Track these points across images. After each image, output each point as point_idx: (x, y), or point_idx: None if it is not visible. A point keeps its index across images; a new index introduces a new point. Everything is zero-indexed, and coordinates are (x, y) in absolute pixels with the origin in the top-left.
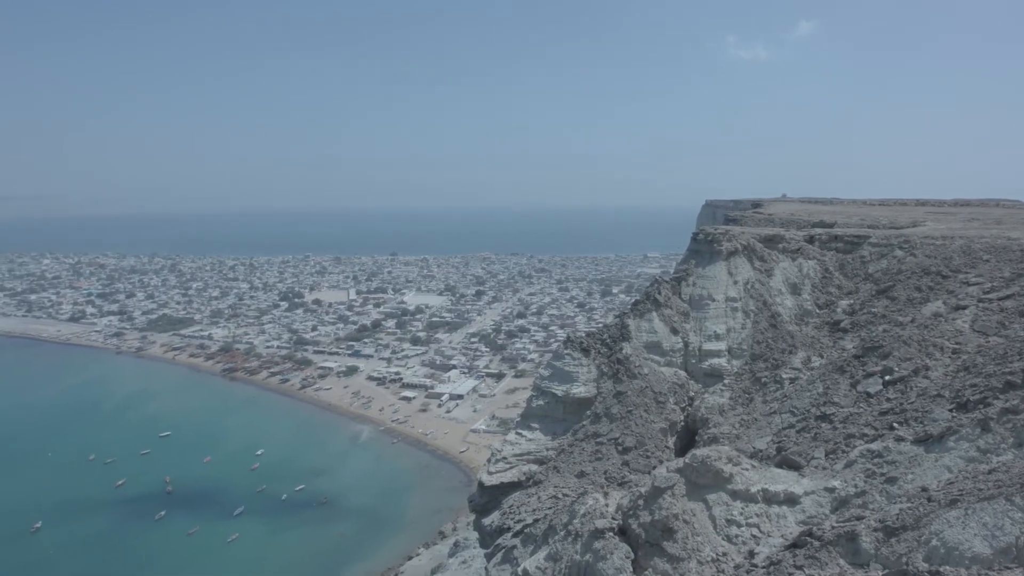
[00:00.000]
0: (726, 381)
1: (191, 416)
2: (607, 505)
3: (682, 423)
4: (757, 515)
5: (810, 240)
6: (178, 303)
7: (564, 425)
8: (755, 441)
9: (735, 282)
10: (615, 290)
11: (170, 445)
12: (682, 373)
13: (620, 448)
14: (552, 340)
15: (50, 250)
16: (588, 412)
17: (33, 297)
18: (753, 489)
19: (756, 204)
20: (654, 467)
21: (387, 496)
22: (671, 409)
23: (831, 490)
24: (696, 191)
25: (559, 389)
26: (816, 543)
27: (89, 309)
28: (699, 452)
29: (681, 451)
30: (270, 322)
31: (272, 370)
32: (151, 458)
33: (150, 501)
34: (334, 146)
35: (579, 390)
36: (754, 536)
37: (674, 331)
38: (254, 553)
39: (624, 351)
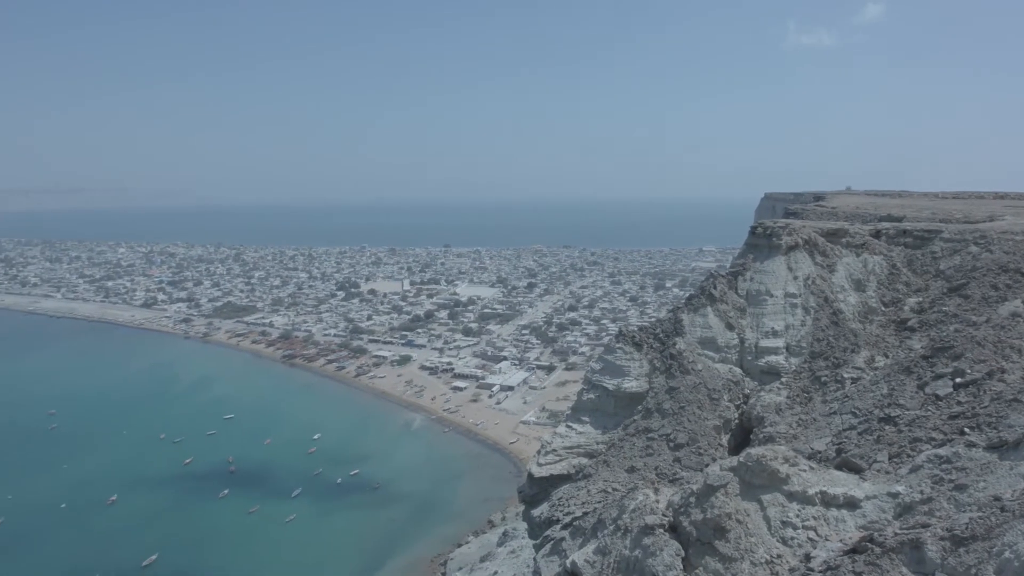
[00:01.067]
0: (783, 379)
1: (253, 400)
2: (657, 501)
3: (736, 421)
4: (814, 518)
5: (876, 235)
6: (241, 291)
7: (615, 419)
8: (813, 442)
9: (795, 277)
10: (669, 284)
11: (233, 427)
12: (737, 370)
13: (672, 444)
14: (603, 334)
15: (125, 239)
16: (639, 407)
17: (110, 284)
18: (811, 491)
19: (818, 197)
20: (707, 465)
21: (438, 484)
22: (725, 406)
23: (895, 495)
24: (754, 183)
25: (610, 383)
26: (877, 549)
27: (160, 296)
28: (754, 451)
29: (735, 449)
30: (327, 311)
31: (329, 357)
32: (216, 439)
33: (215, 479)
34: (387, 141)
35: (630, 385)
36: (811, 539)
37: (729, 327)
38: (310, 534)
39: (677, 346)
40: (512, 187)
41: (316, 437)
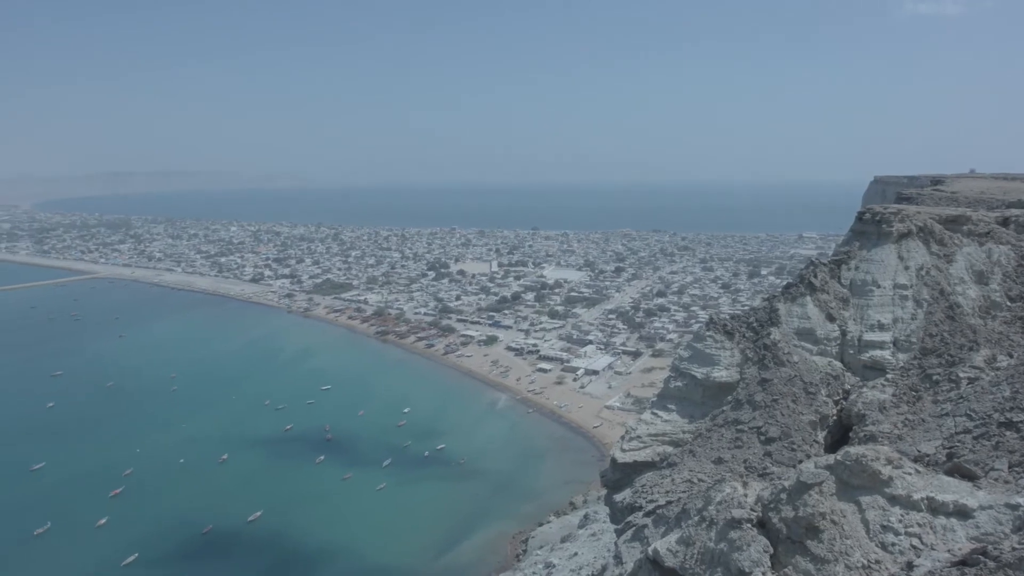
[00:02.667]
0: (889, 376)
1: (348, 373)
2: (745, 495)
3: (834, 417)
4: (919, 524)
5: (1004, 222)
6: (339, 269)
7: (702, 409)
8: (921, 444)
9: (906, 267)
10: (764, 271)
11: (330, 397)
12: (837, 364)
13: (763, 438)
14: (693, 321)
15: (236, 219)
16: (729, 398)
17: (223, 260)
18: (916, 496)
19: (936, 181)
20: (800, 461)
21: (520, 463)
22: (823, 401)
23: (1014, 507)
24: (862, 165)
25: (699, 372)
26: (991, 563)
27: (267, 272)
28: (854, 450)
29: (832, 447)
30: (418, 290)
31: (419, 335)
32: (314, 408)
33: (312, 446)
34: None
35: (720, 374)
36: (914, 547)
37: (830, 318)
38: (398, 503)
39: (772, 336)
40: (600, 169)
41: (405, 411)
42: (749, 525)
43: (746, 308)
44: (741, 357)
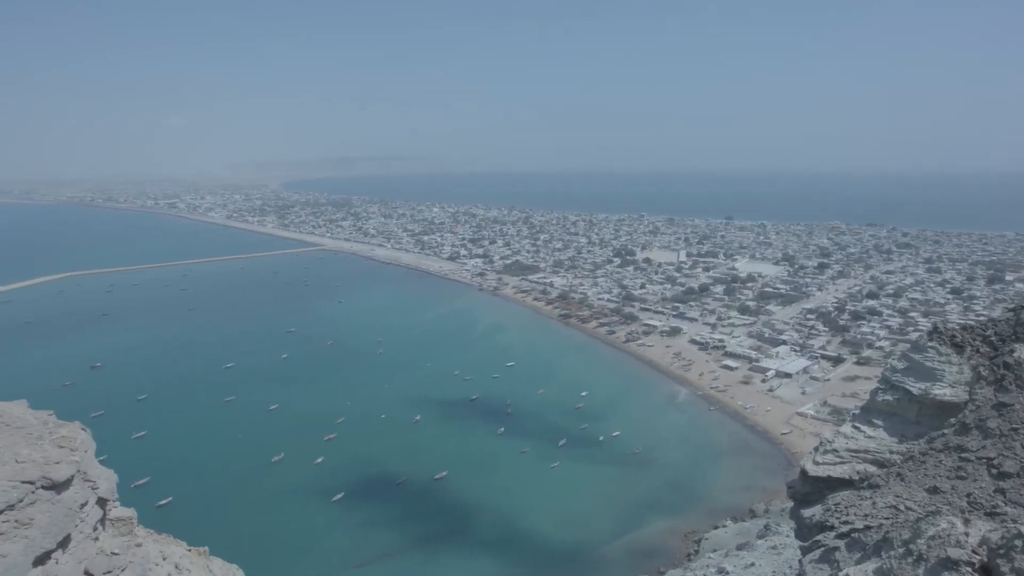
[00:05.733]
0: None
1: (531, 352)
2: (967, 534)
3: None
4: None
5: None
6: (528, 251)
7: (916, 429)
8: None
9: None
10: (1009, 277)
11: (513, 374)
12: None
13: (995, 471)
14: (910, 328)
15: (438, 201)
16: (953, 420)
17: (425, 238)
18: None
19: None
20: None
21: (698, 461)
22: None
23: None
24: None
25: (915, 386)
26: None
27: (462, 251)
28: None
29: None
30: (603, 276)
31: (601, 321)
32: (498, 382)
33: (494, 417)
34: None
35: (943, 392)
36: None
37: None
38: (571, 484)
39: (1016, 354)
40: (804, 155)
41: (583, 394)
42: (969, 570)
43: (982, 319)
44: (972, 375)
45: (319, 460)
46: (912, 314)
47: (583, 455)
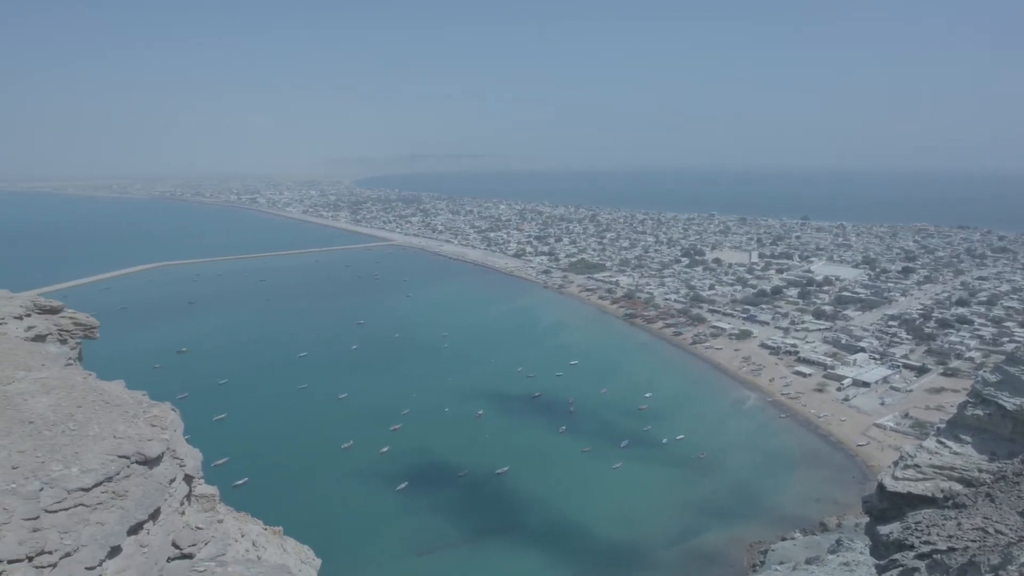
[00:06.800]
0: None
1: (595, 350)
2: None
3: None
4: None
5: None
6: (594, 250)
7: (1010, 447)
8: None
9: None
10: None
11: (577, 372)
12: None
13: None
14: (1005, 339)
15: (504, 198)
16: None
17: (492, 235)
18: None
19: None
20: None
21: (766, 469)
22: None
23: None
24: None
25: (1010, 402)
26: None
27: (528, 248)
28: None
29: None
30: (670, 276)
31: (667, 321)
32: (562, 380)
33: (556, 415)
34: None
35: None
36: None
37: None
38: (633, 485)
39: None
40: (891, 153)
41: (647, 395)
42: None
43: None
44: None
45: (385, 449)
46: (1007, 324)
47: (645, 456)
